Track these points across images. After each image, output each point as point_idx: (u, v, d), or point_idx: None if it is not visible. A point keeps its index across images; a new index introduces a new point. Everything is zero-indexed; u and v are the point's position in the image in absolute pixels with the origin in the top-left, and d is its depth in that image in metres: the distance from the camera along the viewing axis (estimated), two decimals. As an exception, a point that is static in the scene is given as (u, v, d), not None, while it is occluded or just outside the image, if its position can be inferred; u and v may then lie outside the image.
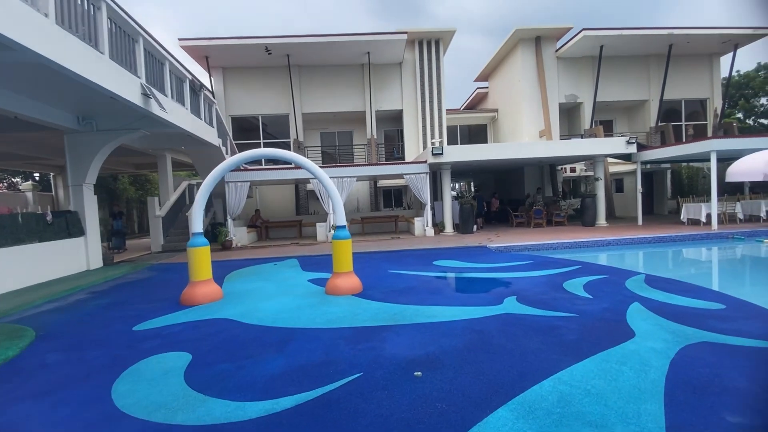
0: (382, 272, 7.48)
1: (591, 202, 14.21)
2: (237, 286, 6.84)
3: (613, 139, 13.81)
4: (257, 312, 5.09)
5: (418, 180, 13.56)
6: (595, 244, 10.34)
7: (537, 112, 18.54)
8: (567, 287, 5.72)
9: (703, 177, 18.57)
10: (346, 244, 5.93)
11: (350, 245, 6.00)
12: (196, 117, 10.66)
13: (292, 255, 10.32)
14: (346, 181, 13.34)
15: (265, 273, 8.07)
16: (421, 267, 7.90)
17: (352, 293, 5.79)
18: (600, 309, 4.59)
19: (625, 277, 6.26)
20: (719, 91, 19.51)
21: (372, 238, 13.58)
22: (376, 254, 9.98)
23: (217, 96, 17.45)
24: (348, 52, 16.70)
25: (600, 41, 17.16)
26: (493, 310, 4.72)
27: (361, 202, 19.08)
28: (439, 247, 10.46)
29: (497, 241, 11.11)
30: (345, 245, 5.92)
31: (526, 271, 7.02)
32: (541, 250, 10.12)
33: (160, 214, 12.99)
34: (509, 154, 13.34)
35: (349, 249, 5.97)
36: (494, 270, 7.29)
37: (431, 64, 18.18)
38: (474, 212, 13.87)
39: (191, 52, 16.12)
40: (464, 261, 8.39)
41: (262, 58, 16.84)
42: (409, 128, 18.35)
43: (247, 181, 13.06)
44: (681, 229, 11.99)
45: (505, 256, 9.04)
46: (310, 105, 17.94)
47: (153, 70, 8.22)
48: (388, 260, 8.98)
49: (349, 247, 5.99)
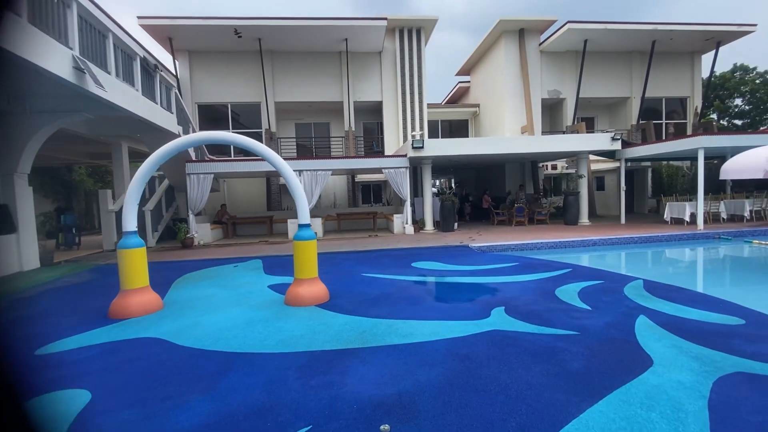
0: (354, 276, 6.67)
1: (574, 200, 13.79)
2: (184, 294, 5.89)
3: (598, 135, 13.41)
4: (197, 329, 4.20)
5: (397, 175, 12.79)
6: (580, 244, 9.83)
7: (519, 107, 18.05)
8: (560, 295, 5.06)
9: (683, 176, 18.56)
10: (310, 245, 5.08)
11: (315, 247, 5.16)
12: (150, 100, 9.53)
13: (257, 255, 9.38)
14: (320, 174, 12.43)
15: (221, 276, 7.13)
16: (399, 270, 7.13)
17: (316, 303, 4.96)
18: (603, 324, 3.93)
19: (621, 282, 5.66)
20: (699, 90, 19.52)
21: (348, 236, 12.74)
22: (350, 255, 9.16)
23: (183, 82, 16.17)
24: (324, 38, 15.71)
25: (584, 35, 16.77)
26: (479, 325, 3.99)
27: (338, 198, 18.18)
28: (419, 247, 9.73)
29: (479, 240, 10.48)
30: (309, 247, 5.07)
31: (512, 275, 6.35)
32: (525, 250, 9.53)
33: (113, 208, 11.74)
34: (492, 149, 12.73)
35: (313, 251, 5.12)
36: (478, 273, 6.59)
37: (412, 54, 17.39)
38: (455, 209, 13.21)
39: (153, 33, 14.79)
40: (445, 263, 7.68)
41: (231, 42, 15.65)
42: (388, 121, 17.54)
43: (210, 173, 11.97)
44: (666, 228, 11.67)
45: (489, 257, 8.38)
46: (284, 93, 16.86)
47: (91, 42, 7.11)
48: (363, 262, 8.17)
49: (314, 249, 5.15)
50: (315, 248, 5.17)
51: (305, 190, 12.27)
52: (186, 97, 16.17)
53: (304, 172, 12.35)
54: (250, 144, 5.04)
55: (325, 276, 6.56)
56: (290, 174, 5.06)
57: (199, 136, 4.97)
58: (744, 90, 32.72)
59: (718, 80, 31.24)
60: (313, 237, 5.13)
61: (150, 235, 12.02)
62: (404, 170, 12.77)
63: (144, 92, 9.20)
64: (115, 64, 7.86)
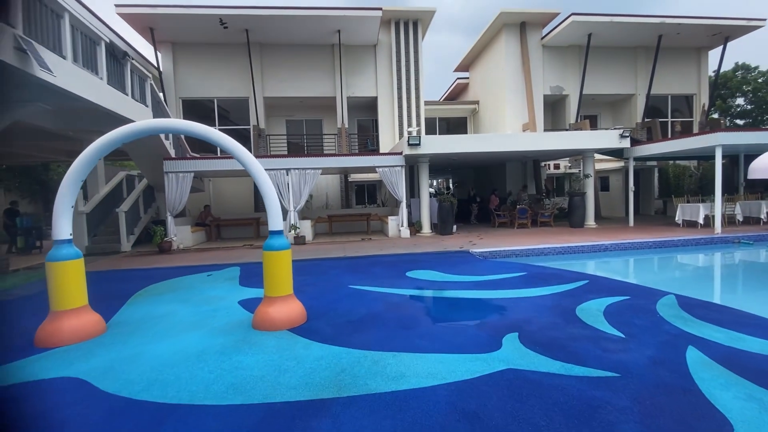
0: (340, 289, 5.82)
1: (580, 201, 13.00)
2: (138, 312, 5.02)
3: (605, 132, 12.62)
4: (135, 364, 3.33)
5: (392, 174, 11.95)
6: (590, 249, 9.02)
7: (521, 104, 17.27)
8: (583, 316, 4.23)
9: (690, 176, 17.83)
10: (283, 257, 4.22)
11: (289, 258, 4.31)
12: (119, 91, 8.63)
13: (237, 262, 8.50)
14: (309, 173, 11.56)
15: (189, 288, 6.26)
16: (391, 280, 6.29)
17: (290, 327, 4.11)
18: (647, 360, 3.10)
19: (650, 298, 4.85)
20: (707, 88, 18.81)
21: (339, 240, 11.88)
22: (339, 262, 8.30)
23: (166, 75, 15.27)
24: (316, 29, 14.85)
25: (589, 28, 16.00)
26: (489, 361, 3.15)
27: (331, 198, 17.32)
28: (415, 252, 8.89)
29: (480, 244, 9.65)
30: (281, 259, 4.22)
31: (521, 288, 5.52)
32: (531, 256, 8.72)
33: (83, 209, 10.84)
34: (493, 146, 11.92)
35: (286, 264, 4.27)
36: (482, 286, 5.76)
37: (409, 47, 16.56)
38: (454, 211, 12.38)
39: (132, 22, 13.87)
40: (444, 271, 6.84)
41: (217, 34, 14.76)
42: (384, 118, 16.69)
43: (190, 171, 11.08)
44: (679, 231, 10.90)
45: (492, 265, 7.55)
46: (273, 88, 15.98)
47: (40, 21, 6.22)
48: (353, 270, 7.32)
49: (288, 261, 4.29)
50: (289, 260, 4.32)
51: (293, 190, 11.42)
52: (169, 92, 15.28)
53: (291, 171, 11.48)
54: (209, 134, 4.18)
55: (307, 289, 5.73)
56: (258, 169, 4.21)
57: (146, 125, 4.11)
58: (746, 89, 32.21)
59: (720, 79, 30.64)
60: (287, 246, 4.27)
61: (124, 238, 11.11)
62: (399, 169, 11.93)
63: (111, 81, 8.30)
64: (73, 48, 6.96)
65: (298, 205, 11.58)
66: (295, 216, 11.50)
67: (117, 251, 10.98)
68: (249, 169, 4.21)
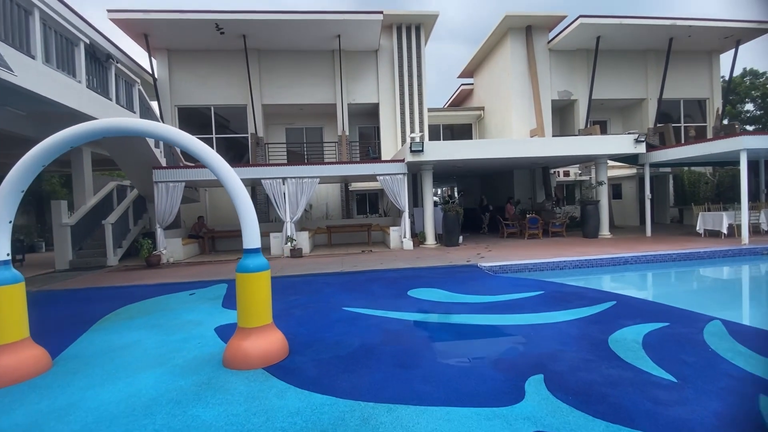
0: (332, 312, 5.14)
1: (593, 209, 12.27)
2: (98, 341, 4.37)
3: (619, 137, 11.94)
4: (66, 419, 2.67)
5: (394, 182, 11.31)
6: (610, 262, 8.28)
7: (528, 109, 16.68)
8: (618, 349, 3.52)
9: (706, 183, 17.02)
10: (260, 280, 3.56)
11: (267, 281, 3.65)
12: (102, 96, 8.11)
13: (227, 277, 7.84)
14: (306, 182, 10.95)
15: (166, 310, 5.61)
16: (391, 301, 5.60)
17: (266, 364, 3.43)
18: (713, 419, 2.39)
19: (694, 325, 4.13)
20: (719, 91, 18.14)
21: (338, 252, 11.22)
22: (334, 278, 7.62)
23: (161, 83, 14.85)
24: (315, 34, 14.40)
25: (598, 31, 15.44)
26: (511, 421, 2.45)
27: (331, 208, 16.70)
28: (418, 267, 8.20)
29: (489, 257, 8.95)
30: (258, 282, 3.56)
31: (540, 311, 4.82)
32: (546, 270, 8.01)
33: (68, 222, 10.28)
34: (501, 152, 11.28)
35: (264, 288, 3.61)
36: (494, 309, 5.05)
37: (411, 53, 16.07)
38: (460, 221, 11.70)
39: (126, 28, 13.49)
40: (450, 290, 6.14)
41: (214, 40, 14.35)
42: (386, 125, 16.14)
43: (181, 181, 10.51)
44: (702, 242, 10.12)
45: (504, 281, 6.85)
46: (272, 96, 15.51)
47: (4, 17, 5.70)
48: (349, 287, 6.65)
49: (266, 284, 3.63)
50: (267, 283, 3.66)
51: (290, 200, 10.81)
52: (165, 100, 14.85)
53: (288, 180, 10.89)
54: (172, 134, 3.56)
55: (295, 311, 5.05)
56: (230, 177, 3.57)
57: (97, 126, 3.49)
58: (755, 95, 31.58)
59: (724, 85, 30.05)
60: (264, 267, 3.62)
61: (111, 252, 10.52)
62: (401, 177, 11.30)
63: (91, 85, 7.78)
64: (45, 48, 6.45)
65: (295, 215, 10.96)
66: (292, 227, 10.88)
67: (102, 266, 10.39)
68: (219, 176, 3.57)
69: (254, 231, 3.61)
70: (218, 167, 3.56)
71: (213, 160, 3.55)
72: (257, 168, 10.87)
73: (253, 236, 3.61)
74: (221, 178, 3.56)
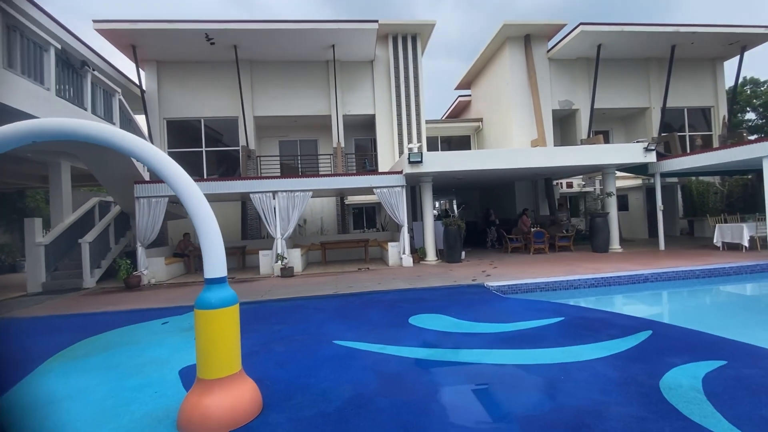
0: (321, 347, 4.39)
1: (603, 222, 11.62)
2: (40, 388, 3.62)
3: (628, 145, 11.38)
4: None
5: (391, 195, 10.66)
6: (628, 280, 7.57)
7: (528, 120, 16.18)
8: (676, 401, 2.79)
9: (715, 193, 16.45)
10: (225, 317, 2.84)
11: (234, 319, 2.93)
12: (75, 105, 7.49)
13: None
14: (298, 196, 10.28)
15: (131, 344, 4.85)
16: (390, 331, 4.86)
17: (233, 427, 2.68)
18: None
19: (759, 363, 3.41)
20: (725, 99, 17.74)
21: (333, 270, 10.48)
22: (327, 302, 6.88)
23: (150, 95, 14.31)
24: (308, 44, 13.95)
25: (598, 39, 15.06)
26: None
27: (326, 223, 16.01)
28: (420, 287, 7.47)
29: (495, 275, 8.23)
30: (222, 321, 2.84)
31: (565, 345, 4.09)
32: (559, 290, 7.29)
33: (42, 241, 9.55)
34: (504, 163, 10.67)
35: (231, 327, 2.88)
36: (510, 341, 4.32)
37: (408, 63, 15.64)
38: (462, 235, 11.01)
39: (113, 39, 12.99)
40: (457, 316, 5.41)
41: (204, 50, 13.88)
42: (383, 136, 15.60)
43: (165, 196, 9.83)
44: (724, 256, 9.43)
45: (516, 304, 6.12)
46: (264, 107, 14.99)
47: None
48: (342, 314, 5.91)
49: (232, 322, 2.91)
50: (235, 321, 2.94)
51: (280, 215, 10.12)
52: (153, 112, 14.28)
53: (278, 194, 10.21)
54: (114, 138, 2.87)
55: (276, 347, 4.31)
56: (190, 197, 2.88)
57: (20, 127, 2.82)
58: (756, 104, 31.45)
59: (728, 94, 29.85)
60: (231, 301, 2.90)
61: (88, 273, 9.75)
62: (400, 189, 10.65)
63: (63, 94, 7.17)
64: (7, 52, 5.84)
65: (286, 232, 10.26)
66: (283, 244, 10.15)
67: (78, 288, 9.61)
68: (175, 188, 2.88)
69: (218, 256, 2.91)
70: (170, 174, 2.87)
71: (162, 164, 2.87)
72: (245, 181, 10.21)
73: (216, 262, 2.90)
74: (175, 189, 2.87)
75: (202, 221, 2.88)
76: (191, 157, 15.25)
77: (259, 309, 6.43)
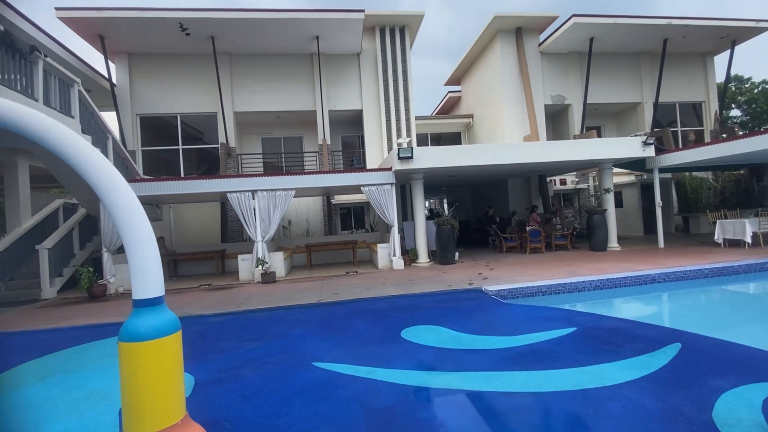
0: (299, 371, 3.71)
1: (600, 219, 11.17)
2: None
3: (626, 139, 10.94)
4: None
5: (380, 194, 10.00)
6: (635, 281, 7.06)
7: (520, 115, 15.72)
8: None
9: (708, 189, 16.21)
10: (161, 351, 2.15)
11: (174, 353, 2.24)
12: (21, 95, 6.65)
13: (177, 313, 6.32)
14: (280, 195, 9.55)
15: (70, 372, 4.10)
16: (380, 349, 4.21)
17: (167, 501, 2.00)
18: None
19: (818, 386, 2.85)
20: (715, 94, 17.56)
21: (319, 274, 9.77)
22: (309, 312, 6.18)
23: (121, 90, 13.40)
24: (291, 35, 13.21)
25: (591, 31, 14.67)
26: None
27: (312, 224, 15.28)
28: (412, 293, 6.83)
29: (493, 278, 7.64)
30: (155, 356, 2.14)
31: (585, 363, 3.49)
32: (563, 293, 6.74)
33: (-7, 248, 8.63)
34: (499, 158, 10.10)
35: (169, 365, 2.19)
36: (520, 360, 3.71)
37: (396, 56, 15.02)
38: (455, 235, 10.42)
39: (78, 28, 12.04)
40: (456, 328, 4.78)
41: (179, 41, 13.02)
42: (371, 133, 14.95)
43: (132, 197, 8.99)
44: (729, 254, 9.02)
45: (520, 312, 5.52)
46: (245, 102, 14.19)
47: None
48: (326, 326, 5.23)
49: (172, 357, 2.22)
50: (175, 355, 2.25)
51: (261, 216, 9.37)
52: (125, 108, 13.37)
53: (259, 193, 9.47)
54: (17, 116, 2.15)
55: (244, 372, 3.62)
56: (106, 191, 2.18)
57: None
58: (741, 100, 31.80)
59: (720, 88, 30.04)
60: (170, 329, 2.22)
61: (47, 282, 8.86)
62: (389, 187, 10.00)
63: (8, 82, 6.33)
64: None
65: (268, 234, 9.52)
66: (264, 248, 9.41)
67: (36, 299, 8.72)
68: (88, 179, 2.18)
69: (150, 268, 2.21)
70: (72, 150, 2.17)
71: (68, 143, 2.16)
72: (221, 180, 9.43)
73: (147, 277, 2.20)
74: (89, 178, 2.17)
75: (125, 216, 2.17)
76: (168, 155, 14.38)
77: (233, 322, 5.70)
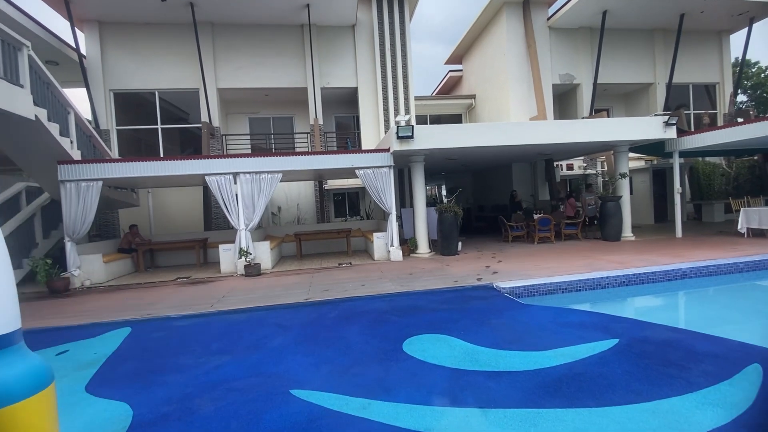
0: (271, 402, 2.83)
1: (614, 207, 10.32)
2: None
3: (646, 118, 10.01)
4: None
5: (377, 177, 9.05)
6: (664, 276, 6.24)
7: (527, 94, 14.73)
8: None
9: (722, 175, 15.42)
10: (21, 418, 1.25)
11: (44, 415, 1.33)
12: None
13: (141, 314, 5.41)
14: (264, 179, 8.57)
15: None
16: (377, 369, 3.34)
17: None
18: None
19: None
20: (730, 76, 16.63)
21: (309, 266, 8.88)
22: (293, 313, 5.30)
23: (92, 62, 12.19)
24: (278, 3, 11.99)
25: (604, 5, 13.58)
26: None
27: (304, 211, 14.32)
28: (414, 291, 5.96)
29: (503, 272, 6.79)
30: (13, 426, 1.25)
31: (646, 397, 2.65)
32: (584, 290, 5.94)
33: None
34: (508, 138, 9.12)
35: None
36: (556, 388, 2.86)
37: (394, 28, 13.88)
38: (458, 224, 9.54)
39: (39, -8, 10.79)
40: (469, 338, 3.93)
41: (155, 9, 11.76)
42: (366, 112, 13.90)
43: (98, 179, 7.98)
44: (755, 245, 8.23)
45: (542, 315, 4.67)
46: (229, 78, 13.04)
47: None
48: (311, 335, 4.35)
49: (39, 423, 1.32)
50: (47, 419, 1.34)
51: (243, 202, 8.41)
52: (96, 83, 12.19)
53: (241, 176, 8.48)
54: None
55: (201, 404, 2.73)
56: None
57: None
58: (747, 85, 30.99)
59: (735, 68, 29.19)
60: (37, 385, 1.31)
61: (2, 275, 7.87)
62: (387, 170, 9.05)
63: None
64: None
65: (251, 222, 8.57)
66: (247, 237, 8.48)
67: (-10, 294, 7.75)
68: None
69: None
70: None
71: None
72: (198, 161, 8.40)
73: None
74: None
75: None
76: (147, 136, 13.25)
77: (202, 327, 4.82)
